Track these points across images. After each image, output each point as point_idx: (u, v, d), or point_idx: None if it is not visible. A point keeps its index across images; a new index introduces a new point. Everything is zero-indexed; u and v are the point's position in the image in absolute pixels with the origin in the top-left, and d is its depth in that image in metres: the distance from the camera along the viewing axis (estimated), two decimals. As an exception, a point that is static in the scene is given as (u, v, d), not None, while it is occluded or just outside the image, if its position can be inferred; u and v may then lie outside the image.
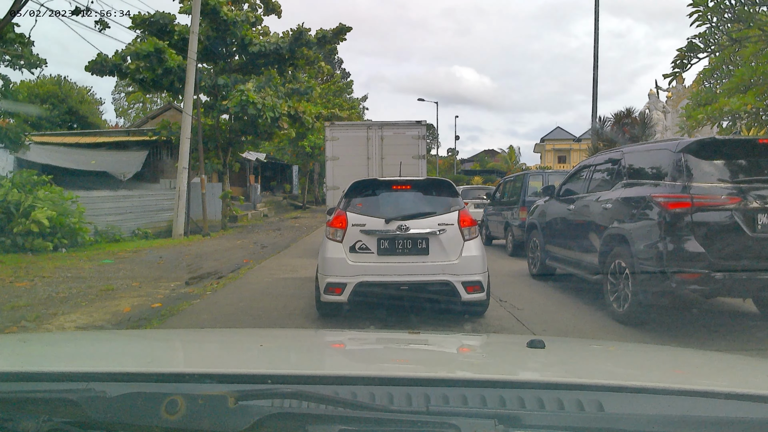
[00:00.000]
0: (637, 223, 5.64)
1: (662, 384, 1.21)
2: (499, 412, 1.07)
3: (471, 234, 5.74)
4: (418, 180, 6.68)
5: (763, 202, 5.03)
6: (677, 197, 5.18)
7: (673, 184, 5.35)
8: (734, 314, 6.34)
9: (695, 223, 5.05)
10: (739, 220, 4.98)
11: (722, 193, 5.09)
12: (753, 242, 4.97)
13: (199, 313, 6.52)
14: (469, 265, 5.60)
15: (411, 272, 5.60)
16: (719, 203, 5.07)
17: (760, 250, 5.00)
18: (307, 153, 33.54)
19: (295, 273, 9.40)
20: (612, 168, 6.68)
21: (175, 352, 1.86)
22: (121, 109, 58.84)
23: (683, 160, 5.33)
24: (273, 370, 1.35)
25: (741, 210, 5.00)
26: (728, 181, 5.21)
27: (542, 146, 70.01)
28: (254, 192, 28.88)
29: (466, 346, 2.10)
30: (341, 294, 5.56)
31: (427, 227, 5.66)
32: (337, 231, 5.74)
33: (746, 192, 5.06)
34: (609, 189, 6.40)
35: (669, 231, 5.16)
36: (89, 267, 10.26)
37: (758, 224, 4.98)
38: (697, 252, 4.99)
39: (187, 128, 16.01)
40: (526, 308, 6.52)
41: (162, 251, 13.07)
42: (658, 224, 5.27)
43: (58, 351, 1.71)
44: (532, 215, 8.92)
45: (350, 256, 5.64)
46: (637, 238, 5.53)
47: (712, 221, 5.08)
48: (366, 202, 5.97)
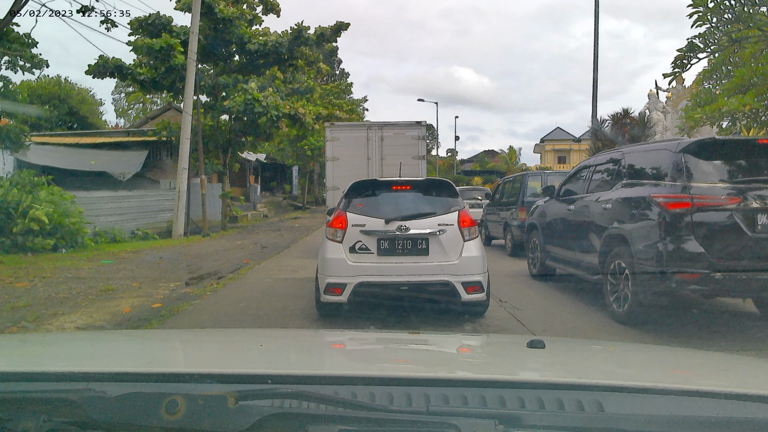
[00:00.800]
0: (636, 224, 5.65)
1: (662, 384, 1.21)
2: (499, 413, 1.07)
3: (471, 234, 5.73)
4: (418, 180, 6.66)
5: (762, 202, 5.04)
6: (677, 197, 5.19)
7: (673, 184, 5.35)
8: (734, 314, 6.32)
9: (695, 223, 5.06)
10: (739, 221, 4.98)
11: (722, 193, 5.10)
12: (753, 242, 4.97)
13: (199, 314, 6.52)
14: (469, 265, 5.60)
15: (411, 273, 5.59)
16: (719, 203, 5.08)
17: (760, 251, 5.01)
18: (306, 154, 33.60)
19: (295, 273, 9.40)
20: (612, 168, 6.68)
21: (175, 352, 1.86)
22: (121, 109, 58.85)
23: (683, 161, 5.33)
24: (273, 370, 1.34)
25: (741, 210, 5.01)
26: (728, 182, 5.22)
27: (542, 147, 69.83)
28: (254, 192, 28.93)
29: (466, 346, 2.10)
30: (341, 294, 5.56)
31: (427, 228, 5.65)
32: (336, 231, 5.73)
33: (746, 192, 5.07)
34: (609, 189, 6.41)
35: (669, 231, 5.17)
36: (89, 267, 10.26)
37: (758, 224, 4.99)
38: (697, 252, 5.00)
39: (187, 128, 16.02)
40: (526, 308, 6.50)
41: (162, 252, 13.07)
42: (658, 224, 5.27)
43: (58, 351, 1.71)
44: (532, 215, 8.94)
45: (350, 257, 5.64)
46: (636, 238, 5.53)
47: (712, 221, 5.09)
48: (366, 202, 5.97)
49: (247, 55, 19.13)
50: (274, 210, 32.96)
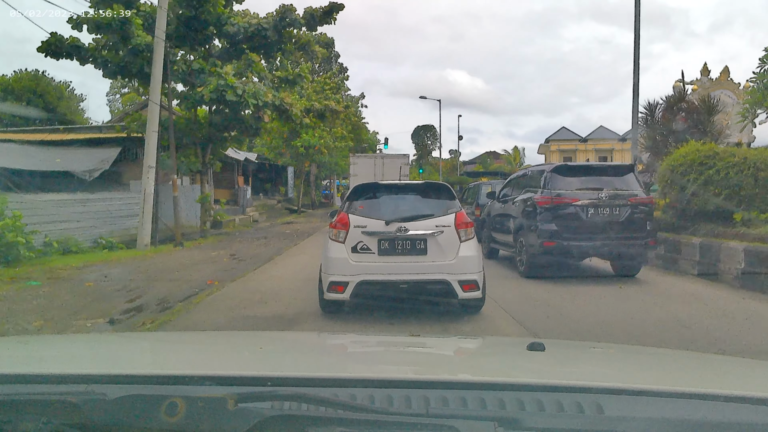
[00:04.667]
0: (527, 214, 9.01)
1: (661, 387, 1.23)
2: (499, 415, 1.07)
3: (467, 235, 5.99)
4: (416, 184, 6.70)
5: (591, 200, 8.49)
6: (544, 198, 8.65)
7: (542, 189, 8.81)
8: (593, 275, 9.53)
9: (553, 213, 8.53)
10: (577, 211, 8.48)
11: (569, 195, 8.55)
12: (585, 224, 8.47)
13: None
14: (466, 264, 5.85)
15: (410, 271, 5.82)
16: (567, 201, 8.51)
17: (590, 229, 8.47)
18: (300, 152, 31.14)
19: (264, 306, 6.98)
20: (522, 180, 10.18)
21: (174, 354, 1.82)
22: (117, 111, 56.44)
23: (549, 176, 8.78)
24: (272, 372, 1.36)
25: (579, 205, 8.48)
26: (572, 188, 8.64)
27: (547, 147, 68.77)
28: (243, 195, 26.45)
29: (466, 348, 2.09)
30: (343, 292, 5.77)
31: (425, 229, 5.90)
32: (339, 232, 5.95)
33: (582, 195, 8.56)
34: (519, 193, 9.77)
35: (539, 218, 8.61)
36: (4, 292, 7.91)
37: (588, 214, 8.50)
38: (554, 230, 8.47)
39: (155, 119, 13.63)
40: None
41: (114, 267, 10.72)
42: (535, 214, 8.69)
43: (57, 353, 1.69)
44: (483, 213, 12.16)
45: (352, 256, 5.85)
46: (526, 223, 8.96)
47: (562, 212, 8.52)
48: (367, 204, 6.21)
49: (228, 39, 16.72)
50: (267, 214, 30.60)
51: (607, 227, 8.30)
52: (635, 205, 8.40)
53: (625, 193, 8.46)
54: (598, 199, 8.35)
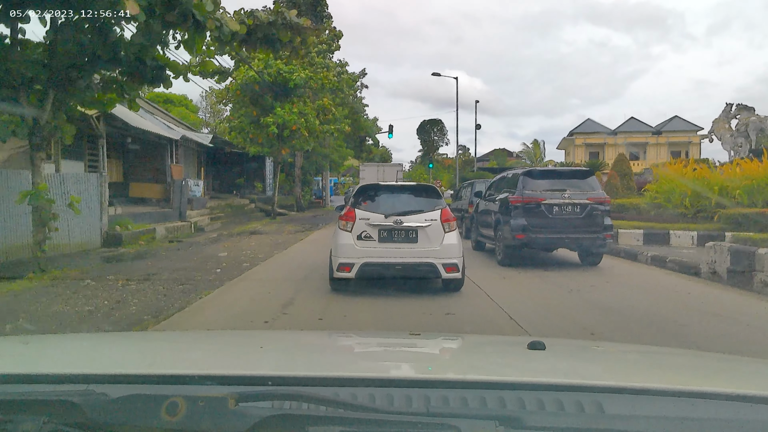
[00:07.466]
0: (503, 211, 10.64)
1: (662, 385, 1.22)
2: (500, 414, 1.07)
3: (450, 227, 7.42)
4: (410, 185, 8.29)
5: (555, 200, 10.00)
6: (516, 197, 10.21)
7: (515, 190, 10.41)
8: (561, 262, 11.19)
9: (524, 210, 10.05)
10: (544, 209, 9.98)
11: (537, 195, 10.06)
12: (551, 220, 9.98)
13: None
14: (449, 251, 7.27)
15: (404, 255, 7.23)
16: (535, 200, 10.02)
17: (555, 225, 9.98)
18: (272, 132, 22.15)
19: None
20: (502, 182, 12.03)
21: (175, 353, 1.80)
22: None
23: (522, 179, 10.43)
24: (273, 371, 1.36)
25: (545, 204, 9.99)
26: (540, 189, 10.18)
27: (571, 140, 61.88)
28: (180, 191, 17.56)
29: (466, 347, 2.09)
30: (350, 272, 7.18)
31: (417, 221, 7.32)
32: (348, 223, 7.37)
33: (548, 195, 10.06)
34: (500, 193, 11.37)
35: (512, 214, 10.17)
36: None
37: (553, 211, 9.98)
38: (524, 224, 9.95)
39: None
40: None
41: None
42: (509, 211, 10.29)
43: (57, 353, 1.69)
44: (473, 209, 14.02)
45: (357, 243, 7.27)
46: (502, 218, 10.54)
47: (531, 209, 10.02)
48: (370, 201, 7.65)
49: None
50: (227, 218, 21.92)
51: (570, 223, 9.93)
52: (594, 204, 9.98)
53: (586, 194, 10.05)
54: (562, 198, 9.97)
